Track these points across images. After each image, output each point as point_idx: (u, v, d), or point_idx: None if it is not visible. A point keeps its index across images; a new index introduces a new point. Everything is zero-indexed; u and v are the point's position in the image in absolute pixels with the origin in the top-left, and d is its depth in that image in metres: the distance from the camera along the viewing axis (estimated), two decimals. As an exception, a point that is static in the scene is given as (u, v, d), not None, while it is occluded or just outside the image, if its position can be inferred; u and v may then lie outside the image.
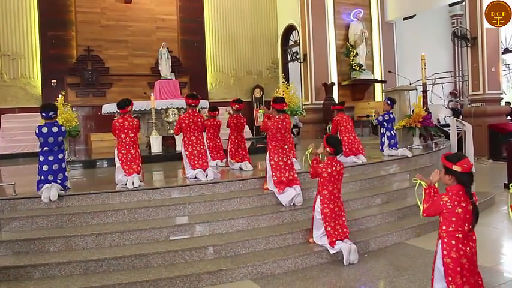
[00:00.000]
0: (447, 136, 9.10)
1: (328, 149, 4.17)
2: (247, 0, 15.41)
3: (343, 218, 4.29)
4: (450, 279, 2.68)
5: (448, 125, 10.78)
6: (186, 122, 5.58)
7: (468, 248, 2.70)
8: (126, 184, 4.90)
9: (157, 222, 4.42)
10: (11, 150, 11.00)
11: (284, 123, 4.96)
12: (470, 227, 2.69)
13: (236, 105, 6.51)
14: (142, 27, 13.84)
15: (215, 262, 3.97)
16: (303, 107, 12.11)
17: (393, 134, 7.05)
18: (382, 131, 7.10)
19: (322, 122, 13.13)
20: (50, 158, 4.59)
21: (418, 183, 2.95)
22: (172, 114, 8.97)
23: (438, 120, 14.13)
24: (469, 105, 11.42)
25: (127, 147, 5.20)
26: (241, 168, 6.16)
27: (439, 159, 6.50)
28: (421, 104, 8.56)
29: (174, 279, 3.67)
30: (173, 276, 3.69)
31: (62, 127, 4.73)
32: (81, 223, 4.34)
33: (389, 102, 7.02)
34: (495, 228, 5.26)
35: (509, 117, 12.26)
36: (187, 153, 5.59)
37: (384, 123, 7.01)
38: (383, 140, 7.06)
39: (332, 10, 13.84)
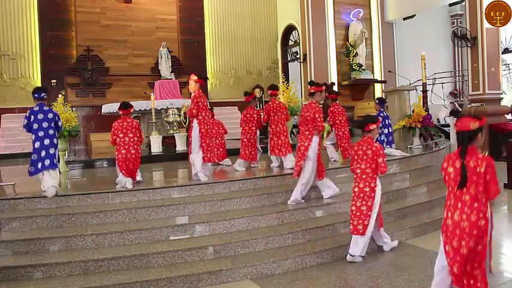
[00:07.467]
0: (447, 136, 9.11)
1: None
2: (247, 0, 15.41)
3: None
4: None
5: (448, 125, 10.77)
6: (203, 101, 5.32)
7: (458, 212, 2.68)
8: (126, 184, 4.91)
9: (157, 222, 4.42)
10: (11, 150, 11.00)
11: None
12: (459, 187, 2.69)
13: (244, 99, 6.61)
14: (143, 27, 13.83)
15: (215, 262, 3.97)
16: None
17: (390, 130, 7.17)
18: (379, 131, 7.13)
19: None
20: (40, 134, 4.68)
21: None
22: (172, 114, 8.97)
23: (438, 120, 14.13)
24: (469, 105, 11.41)
25: (126, 147, 5.20)
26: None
27: (439, 159, 6.50)
28: (421, 104, 8.57)
29: (174, 279, 3.67)
30: (173, 276, 3.69)
31: (53, 108, 4.84)
32: (81, 223, 4.35)
33: (377, 101, 7.23)
34: (495, 228, 5.24)
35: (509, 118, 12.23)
36: (200, 134, 5.26)
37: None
38: (382, 139, 7.07)
39: (332, 10, 13.82)
